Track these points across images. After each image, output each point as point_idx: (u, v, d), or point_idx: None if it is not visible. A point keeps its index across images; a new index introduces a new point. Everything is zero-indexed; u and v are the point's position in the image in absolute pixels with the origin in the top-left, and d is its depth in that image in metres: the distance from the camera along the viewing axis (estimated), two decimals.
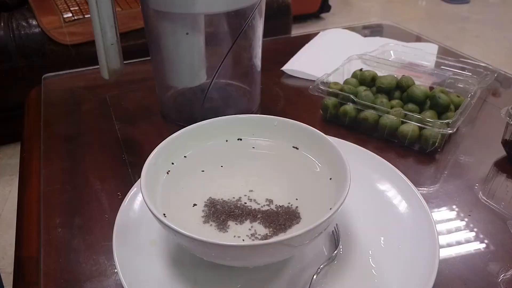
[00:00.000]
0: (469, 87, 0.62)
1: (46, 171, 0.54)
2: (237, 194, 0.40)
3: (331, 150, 0.41)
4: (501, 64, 2.17)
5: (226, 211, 0.38)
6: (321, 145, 0.42)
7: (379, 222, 0.42)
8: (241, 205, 0.39)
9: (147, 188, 0.36)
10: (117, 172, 0.53)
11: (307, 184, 0.41)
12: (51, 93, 0.75)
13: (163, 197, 0.39)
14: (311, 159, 0.44)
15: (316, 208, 0.38)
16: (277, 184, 0.42)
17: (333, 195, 0.38)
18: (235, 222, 0.37)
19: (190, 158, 0.44)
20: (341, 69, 0.69)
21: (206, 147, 0.45)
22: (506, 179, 0.53)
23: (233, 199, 0.40)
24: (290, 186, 0.41)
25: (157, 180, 0.40)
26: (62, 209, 0.48)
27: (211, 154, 0.45)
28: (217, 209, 0.38)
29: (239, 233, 0.36)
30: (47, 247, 0.43)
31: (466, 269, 0.40)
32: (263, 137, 0.46)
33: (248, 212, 0.38)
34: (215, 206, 0.39)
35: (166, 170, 0.42)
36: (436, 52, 0.85)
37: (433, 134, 0.54)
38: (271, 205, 0.39)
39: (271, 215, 0.38)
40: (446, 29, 2.91)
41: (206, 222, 0.37)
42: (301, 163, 0.43)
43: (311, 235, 0.33)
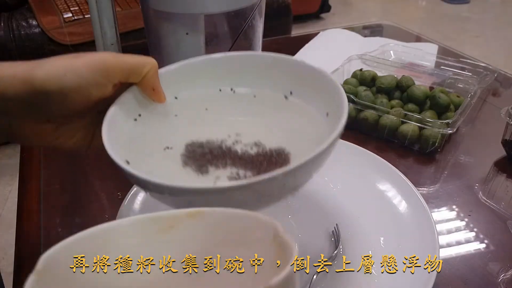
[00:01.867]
0: (469, 87, 0.62)
1: (46, 171, 0.54)
2: (221, 137, 0.37)
3: (328, 91, 0.35)
4: (501, 64, 2.17)
5: (207, 153, 0.35)
6: (319, 86, 0.37)
7: (379, 222, 0.42)
8: (225, 148, 0.36)
9: (110, 131, 0.32)
10: (117, 172, 0.53)
11: (301, 129, 0.37)
12: None
13: (133, 141, 0.35)
14: (306, 104, 0.38)
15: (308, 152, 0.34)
16: (267, 128, 0.38)
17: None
18: (216, 165, 0.34)
19: (171, 102, 0.39)
20: (341, 69, 0.68)
21: (192, 92, 0.40)
22: (506, 179, 0.53)
23: (217, 141, 0.36)
24: (281, 131, 0.38)
25: (126, 124, 0.35)
26: (62, 209, 0.48)
27: (196, 99, 0.40)
28: (197, 152, 0.35)
29: (220, 178, 0.33)
30: (47, 247, 0.43)
31: (466, 269, 0.40)
32: (253, 84, 0.40)
33: (232, 155, 0.35)
34: (195, 148, 0.35)
35: (137, 113, 0.37)
36: (436, 52, 0.85)
37: (433, 134, 0.54)
38: (258, 149, 0.36)
39: (257, 159, 0.34)
40: (446, 29, 2.91)
41: (186, 165, 0.34)
42: (295, 109, 0.39)
43: (299, 175, 0.29)
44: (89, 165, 0.55)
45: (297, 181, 0.30)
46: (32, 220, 0.47)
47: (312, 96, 0.37)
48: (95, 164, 0.55)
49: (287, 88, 0.39)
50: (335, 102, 0.34)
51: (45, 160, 0.57)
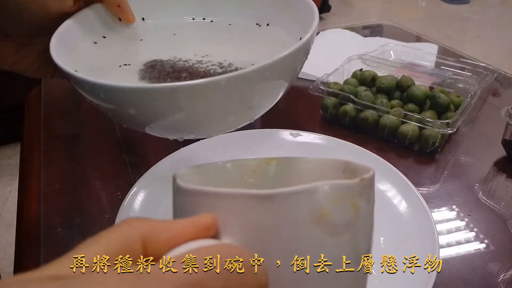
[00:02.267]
0: (469, 87, 0.62)
1: (46, 171, 0.54)
2: (186, 57, 0.34)
3: (303, 15, 0.34)
4: (501, 64, 2.17)
5: (168, 70, 0.32)
6: (296, 12, 0.35)
7: (379, 222, 0.42)
8: (189, 67, 0.33)
9: (60, 45, 0.30)
10: (117, 172, 0.53)
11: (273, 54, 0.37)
12: (51, 93, 0.75)
13: (86, 58, 0.32)
14: (282, 32, 0.37)
15: None
16: (237, 53, 0.36)
17: None
18: (170, 78, 0.32)
19: (138, 25, 0.37)
20: (341, 69, 0.69)
21: (163, 20, 0.39)
22: (506, 179, 0.53)
23: (180, 61, 0.34)
24: (252, 55, 0.35)
25: (82, 43, 0.33)
26: (62, 209, 0.48)
27: (166, 26, 0.38)
28: (156, 68, 0.33)
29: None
30: (47, 247, 0.43)
31: (466, 269, 0.40)
32: (228, 14, 0.39)
33: (194, 72, 0.32)
34: (155, 64, 0.33)
35: (99, 35, 0.35)
36: (436, 52, 0.85)
37: (433, 134, 0.54)
38: (223, 69, 0.33)
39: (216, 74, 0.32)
40: (446, 29, 2.91)
41: (142, 80, 0.32)
42: (271, 36, 0.37)
43: (244, 83, 0.26)
44: (89, 165, 0.55)
45: (246, 92, 0.27)
46: (32, 220, 0.47)
47: (288, 25, 0.36)
48: (95, 164, 0.55)
49: (263, 18, 0.38)
50: (309, 27, 0.32)
51: (45, 160, 0.57)
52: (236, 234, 0.21)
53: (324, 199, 0.22)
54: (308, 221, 0.22)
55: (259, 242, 0.21)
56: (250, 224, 0.21)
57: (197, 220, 0.20)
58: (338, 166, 0.30)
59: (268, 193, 0.21)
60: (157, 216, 0.42)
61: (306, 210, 0.21)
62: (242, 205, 0.21)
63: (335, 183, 0.22)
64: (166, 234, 0.19)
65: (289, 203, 0.21)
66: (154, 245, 0.19)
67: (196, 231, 0.20)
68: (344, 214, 0.23)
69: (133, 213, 0.42)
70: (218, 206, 0.21)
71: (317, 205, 0.22)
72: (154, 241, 0.19)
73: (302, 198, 0.21)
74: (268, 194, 0.21)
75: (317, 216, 0.22)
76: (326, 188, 0.22)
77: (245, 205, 0.21)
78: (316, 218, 0.22)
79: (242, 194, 0.21)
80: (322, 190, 0.22)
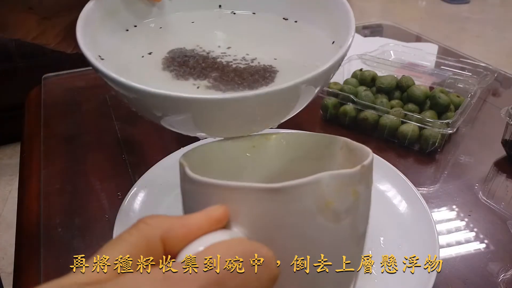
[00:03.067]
0: (469, 87, 0.62)
1: (46, 171, 0.54)
2: (209, 48, 0.34)
3: (337, 17, 0.33)
4: (501, 64, 2.17)
5: (191, 59, 0.32)
6: (328, 12, 0.35)
7: (379, 222, 0.42)
8: (211, 57, 0.33)
9: (86, 26, 0.29)
10: (117, 172, 0.53)
11: (302, 48, 0.35)
12: (51, 93, 0.75)
13: (108, 41, 0.32)
14: (312, 29, 0.36)
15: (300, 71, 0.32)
16: (262, 47, 0.35)
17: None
18: (198, 73, 0.31)
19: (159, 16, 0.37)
20: (341, 69, 0.68)
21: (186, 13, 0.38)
22: (506, 179, 0.53)
23: (204, 51, 0.34)
24: (278, 51, 0.35)
25: (112, 28, 0.33)
26: (62, 209, 0.48)
27: (188, 15, 0.38)
28: (180, 57, 0.33)
29: (200, 87, 0.30)
30: (47, 247, 0.43)
31: (466, 269, 0.40)
32: (255, 7, 0.39)
33: (217, 65, 0.32)
34: (178, 54, 0.33)
35: (127, 26, 0.35)
36: (436, 52, 0.85)
37: (433, 134, 0.54)
38: (246, 64, 0.33)
39: (241, 73, 0.31)
40: (446, 29, 2.91)
41: (164, 70, 0.32)
42: (299, 33, 0.36)
43: (276, 99, 0.27)
44: (89, 165, 0.55)
45: (283, 104, 0.28)
46: (32, 220, 0.47)
47: (317, 21, 0.35)
48: (95, 164, 0.55)
49: (291, 12, 0.37)
50: (343, 31, 0.32)
51: (45, 160, 0.57)
52: (245, 224, 0.22)
53: (328, 189, 0.23)
54: (314, 210, 0.23)
55: (267, 232, 0.23)
56: (258, 215, 0.22)
57: (210, 213, 0.21)
58: (336, 143, 0.31)
59: (276, 187, 0.22)
60: None
61: (311, 200, 0.22)
62: (251, 198, 0.22)
63: (338, 173, 0.23)
64: (183, 230, 0.20)
65: (295, 194, 0.22)
66: (171, 241, 0.19)
67: (210, 223, 0.21)
68: (346, 201, 0.24)
69: (133, 213, 0.42)
70: (228, 198, 0.22)
71: (321, 195, 0.23)
72: (172, 237, 0.19)
73: (307, 190, 0.22)
74: (275, 187, 0.22)
75: (321, 205, 0.23)
76: (328, 179, 0.23)
77: (254, 198, 0.22)
78: (321, 207, 0.23)
79: (251, 188, 0.22)
80: (325, 180, 0.23)
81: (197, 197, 0.24)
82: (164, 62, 0.32)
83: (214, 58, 0.33)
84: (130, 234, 0.19)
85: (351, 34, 0.30)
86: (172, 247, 0.20)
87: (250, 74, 0.31)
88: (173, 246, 0.20)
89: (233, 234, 0.22)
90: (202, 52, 0.34)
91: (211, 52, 0.34)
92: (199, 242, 0.20)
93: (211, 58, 0.33)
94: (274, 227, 0.23)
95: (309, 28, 0.36)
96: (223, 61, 0.33)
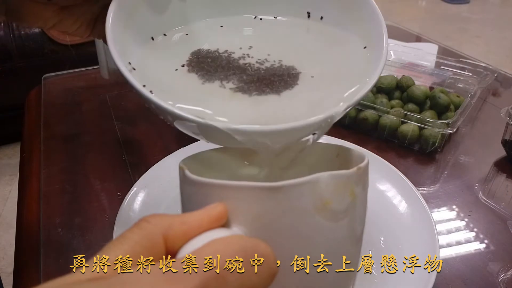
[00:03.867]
0: (469, 87, 0.62)
1: (46, 171, 0.54)
2: (231, 49, 0.34)
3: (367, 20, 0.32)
4: (501, 64, 2.17)
5: (214, 61, 0.32)
6: (357, 13, 0.34)
7: (379, 222, 0.42)
8: (233, 59, 0.33)
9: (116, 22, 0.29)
10: (117, 172, 0.53)
11: (329, 54, 0.34)
12: (51, 93, 0.75)
13: (137, 50, 0.32)
14: (339, 32, 0.35)
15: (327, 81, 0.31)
16: (287, 50, 0.34)
17: (363, 69, 0.30)
18: (222, 74, 0.31)
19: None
20: None
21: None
22: (506, 179, 0.53)
23: (226, 52, 0.34)
24: (302, 53, 0.34)
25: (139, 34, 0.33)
26: (62, 209, 0.48)
27: (211, 20, 0.37)
28: (203, 59, 0.33)
29: (225, 87, 0.30)
30: (47, 247, 0.43)
31: (466, 269, 0.40)
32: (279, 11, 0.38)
33: (240, 67, 0.32)
34: (202, 55, 0.33)
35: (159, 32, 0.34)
36: (436, 52, 0.85)
37: (433, 134, 0.54)
38: (268, 65, 0.32)
39: (264, 75, 0.31)
40: (446, 29, 2.91)
41: (190, 72, 0.32)
42: (326, 36, 0.35)
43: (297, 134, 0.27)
44: (89, 165, 0.55)
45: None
46: (32, 220, 0.47)
47: (347, 24, 0.34)
48: (95, 164, 0.55)
49: (319, 12, 0.36)
50: (374, 35, 0.31)
51: (45, 160, 0.57)
52: (244, 222, 0.22)
53: (325, 189, 0.23)
54: (311, 209, 0.23)
55: (265, 231, 0.23)
56: (257, 214, 0.23)
57: (210, 211, 0.21)
58: (332, 150, 0.31)
59: (275, 186, 0.22)
60: None
61: (309, 199, 0.23)
62: (250, 196, 0.22)
63: (336, 173, 0.23)
64: (183, 227, 0.20)
65: (293, 193, 0.22)
66: (173, 238, 0.20)
67: (210, 221, 0.21)
68: (343, 201, 0.24)
69: (133, 213, 0.42)
70: (228, 197, 0.23)
71: (319, 194, 0.23)
72: (172, 235, 0.20)
73: (306, 189, 0.23)
74: (275, 186, 0.22)
75: (319, 205, 0.23)
76: (327, 179, 0.23)
77: (253, 196, 0.22)
78: (318, 206, 0.23)
79: (251, 187, 0.22)
80: (324, 180, 0.23)
81: (197, 198, 0.24)
82: (187, 63, 0.32)
83: (238, 60, 0.33)
84: (132, 232, 0.19)
85: (385, 44, 0.30)
86: (173, 244, 0.20)
87: (275, 76, 0.31)
88: (174, 243, 0.20)
89: (233, 232, 0.22)
90: (225, 53, 0.34)
91: (234, 54, 0.34)
92: (199, 240, 0.20)
93: (235, 59, 0.33)
94: (273, 225, 0.23)
95: (336, 29, 0.35)
96: (248, 62, 0.33)
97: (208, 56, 0.33)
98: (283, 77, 0.31)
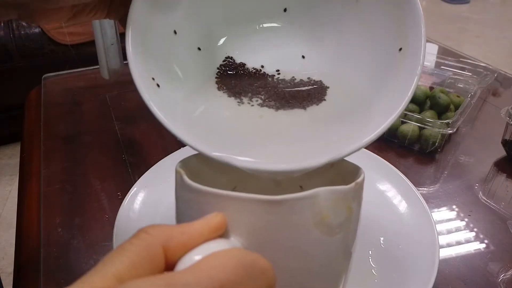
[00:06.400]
0: (469, 87, 0.62)
1: (46, 171, 0.54)
2: (258, 63, 0.33)
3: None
4: (501, 64, 2.17)
5: (242, 77, 0.32)
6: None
7: (379, 222, 0.42)
8: (260, 74, 0.33)
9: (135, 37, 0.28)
10: (117, 172, 0.53)
11: (357, 61, 0.32)
12: (51, 93, 0.75)
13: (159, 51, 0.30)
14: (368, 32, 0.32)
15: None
16: (314, 60, 0.33)
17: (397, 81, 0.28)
18: (251, 92, 0.31)
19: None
20: None
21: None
22: (506, 179, 0.53)
23: (253, 66, 0.33)
24: (330, 61, 0.33)
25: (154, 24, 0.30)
26: (62, 209, 0.48)
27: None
28: (231, 73, 0.32)
29: (254, 106, 0.30)
30: (47, 247, 0.43)
31: (466, 269, 0.40)
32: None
33: (264, 82, 0.31)
34: (230, 68, 0.32)
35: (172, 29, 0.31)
36: (436, 52, 0.85)
37: (433, 134, 0.54)
38: (294, 78, 0.32)
39: (290, 90, 0.31)
40: (446, 29, 2.91)
41: (220, 89, 0.31)
42: (359, 36, 0.32)
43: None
44: (89, 165, 0.55)
45: None
46: (32, 220, 0.47)
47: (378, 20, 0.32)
48: (95, 164, 0.55)
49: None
50: (411, 36, 0.29)
51: (45, 160, 0.57)
52: (242, 233, 0.22)
53: (324, 204, 0.23)
54: (310, 224, 0.23)
55: (262, 243, 0.23)
56: (256, 225, 0.23)
57: (209, 222, 0.21)
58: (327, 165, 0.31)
59: (276, 199, 0.22)
60: (157, 216, 0.42)
61: (308, 213, 0.23)
62: (250, 208, 0.22)
63: (335, 189, 0.24)
64: (183, 238, 0.20)
65: (293, 207, 0.23)
66: (172, 249, 0.20)
67: (209, 231, 0.21)
68: (340, 216, 0.24)
69: (133, 213, 0.42)
70: (227, 207, 0.22)
71: (318, 209, 0.23)
72: (172, 246, 0.20)
73: (306, 203, 0.23)
74: (276, 200, 0.22)
75: (317, 219, 0.23)
76: (326, 193, 0.23)
77: (253, 208, 0.22)
78: (317, 220, 0.23)
79: (252, 199, 0.22)
80: (323, 195, 0.23)
81: (194, 205, 0.24)
82: (216, 77, 0.32)
83: (263, 74, 0.33)
84: (132, 243, 0.19)
85: (423, 45, 0.28)
86: (173, 254, 0.20)
87: (301, 91, 0.31)
88: (174, 253, 0.20)
89: (231, 243, 0.22)
90: (251, 69, 0.33)
91: (259, 70, 0.33)
92: (199, 250, 0.20)
93: (260, 74, 0.33)
94: (271, 237, 0.23)
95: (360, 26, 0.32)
96: (273, 77, 0.33)
97: (236, 69, 0.33)
98: (311, 92, 0.31)
